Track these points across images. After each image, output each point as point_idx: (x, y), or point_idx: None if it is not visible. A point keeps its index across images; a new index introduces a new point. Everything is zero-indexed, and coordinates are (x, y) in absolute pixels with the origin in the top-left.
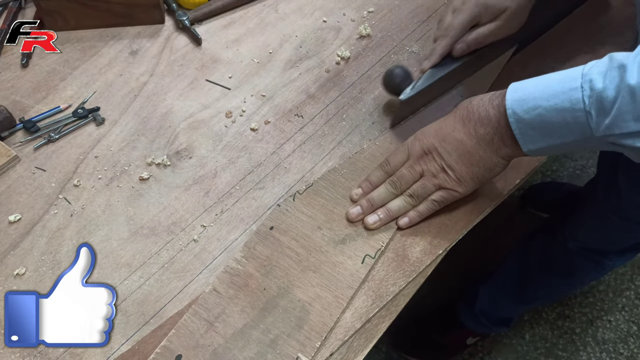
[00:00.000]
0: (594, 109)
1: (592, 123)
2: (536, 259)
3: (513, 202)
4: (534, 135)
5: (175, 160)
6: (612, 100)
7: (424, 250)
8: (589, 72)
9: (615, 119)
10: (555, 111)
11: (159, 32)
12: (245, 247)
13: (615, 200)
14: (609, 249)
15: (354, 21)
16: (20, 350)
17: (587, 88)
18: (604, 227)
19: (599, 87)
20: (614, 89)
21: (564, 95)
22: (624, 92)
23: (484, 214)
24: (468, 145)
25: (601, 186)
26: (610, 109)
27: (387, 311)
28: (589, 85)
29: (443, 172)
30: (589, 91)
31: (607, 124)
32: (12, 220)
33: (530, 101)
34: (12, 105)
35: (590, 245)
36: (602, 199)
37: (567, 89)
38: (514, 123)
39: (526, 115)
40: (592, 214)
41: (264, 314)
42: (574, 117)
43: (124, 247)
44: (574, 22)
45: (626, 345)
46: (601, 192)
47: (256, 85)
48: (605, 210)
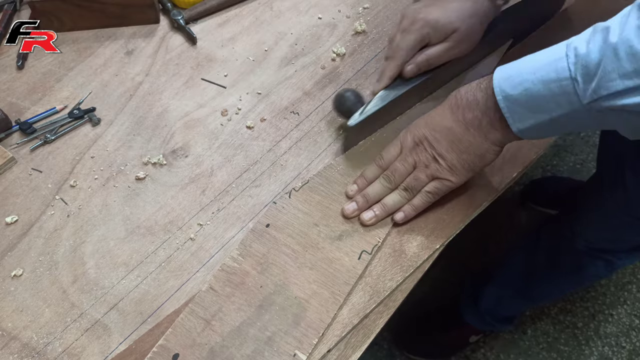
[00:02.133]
0: (580, 74)
1: (579, 90)
2: (543, 259)
3: (514, 198)
4: (522, 112)
5: (172, 160)
6: (597, 63)
7: (421, 245)
8: (573, 41)
9: (601, 80)
10: (542, 83)
11: (154, 32)
12: (241, 245)
13: (623, 197)
14: (619, 248)
15: (349, 18)
16: (19, 351)
17: (572, 55)
18: (612, 226)
19: (583, 52)
20: (597, 51)
21: (550, 66)
22: (608, 52)
23: (481, 208)
24: (457, 131)
25: (607, 184)
26: (596, 71)
27: (384, 307)
28: (573, 53)
29: (434, 161)
30: (574, 58)
31: (594, 87)
32: (9, 222)
33: (517, 77)
34: (8, 107)
35: (599, 245)
36: (608, 197)
37: (552, 59)
38: (502, 101)
39: (513, 91)
40: (599, 212)
41: (261, 312)
42: (560, 86)
43: (121, 246)
44: (572, 13)
45: (628, 339)
46: (607, 190)
47: (252, 83)
48: (613, 208)
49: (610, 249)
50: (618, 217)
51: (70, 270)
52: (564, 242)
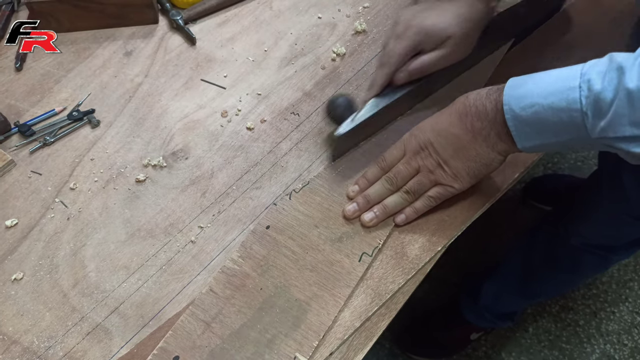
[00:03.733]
0: (591, 110)
1: (587, 124)
2: (539, 255)
3: (515, 195)
4: (530, 133)
5: (172, 162)
6: (609, 103)
7: (422, 247)
8: (588, 72)
9: (611, 122)
10: (552, 110)
11: (153, 32)
12: (241, 247)
13: (621, 197)
14: (615, 244)
15: (349, 17)
16: (20, 355)
17: (585, 88)
18: (610, 224)
19: (597, 88)
20: (612, 90)
21: (562, 94)
22: (622, 95)
23: (482, 210)
24: (464, 140)
25: (605, 183)
26: (607, 111)
27: (386, 309)
28: (587, 86)
29: (439, 167)
30: (587, 91)
31: (603, 127)
32: (8, 225)
33: (528, 98)
34: (7, 109)
35: (595, 241)
36: (607, 196)
37: (565, 88)
38: (510, 120)
39: (523, 113)
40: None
41: (261, 314)
42: (570, 116)
43: (122, 249)
44: (572, 13)
45: (630, 337)
46: (606, 189)
47: (251, 84)
48: (611, 207)
49: (606, 245)
50: (616, 216)
51: (71, 274)
52: (559, 239)
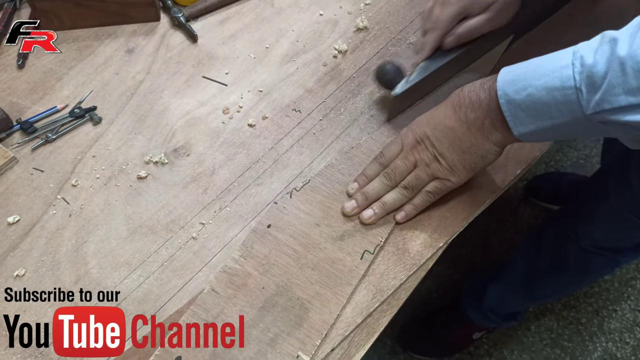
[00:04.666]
0: (585, 85)
1: (582, 100)
2: (546, 257)
3: (516, 193)
4: (524, 117)
5: (173, 158)
6: (603, 75)
7: (424, 244)
8: (580, 49)
9: (605, 93)
10: (546, 90)
11: (154, 30)
12: (242, 246)
13: (629, 197)
14: (623, 246)
15: (350, 14)
16: (22, 351)
17: (578, 64)
18: (618, 226)
19: (590, 62)
20: (604, 63)
21: (555, 73)
22: (614, 65)
23: (484, 206)
24: (459, 131)
25: (613, 184)
26: (601, 84)
27: (388, 305)
28: (579, 62)
29: (435, 160)
30: (580, 67)
31: (597, 100)
32: (11, 222)
33: (521, 81)
34: (9, 107)
35: (604, 244)
36: (614, 197)
37: (558, 66)
38: (505, 104)
39: (517, 96)
40: (605, 212)
41: (263, 313)
42: (564, 95)
43: (123, 246)
44: (575, 8)
45: (632, 335)
46: (613, 190)
47: (253, 81)
48: (619, 208)
49: (614, 247)
50: (624, 217)
51: (73, 270)
52: (568, 241)
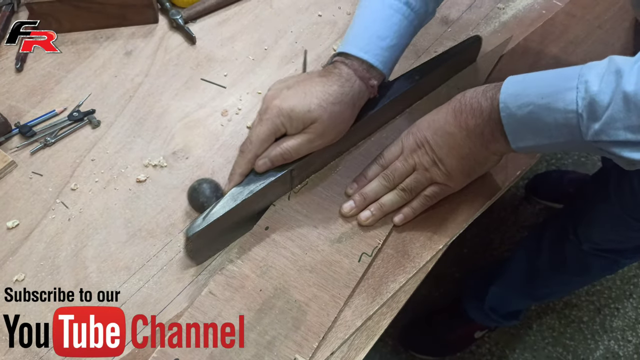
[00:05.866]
0: (586, 112)
1: (582, 126)
2: (547, 259)
3: (517, 192)
4: (524, 132)
5: (172, 161)
6: (605, 106)
7: (424, 246)
8: (586, 73)
9: (605, 125)
10: (548, 110)
11: (152, 32)
12: (240, 249)
13: (629, 200)
14: (624, 248)
15: (349, 15)
16: (24, 353)
17: (582, 89)
18: (619, 228)
19: (594, 89)
20: (609, 93)
21: (558, 95)
22: (618, 99)
23: (484, 208)
24: (458, 138)
25: (613, 186)
26: (602, 114)
27: (388, 308)
28: (584, 87)
29: (434, 165)
30: (584, 93)
31: (597, 130)
32: (10, 226)
33: (524, 97)
34: (8, 110)
35: (605, 246)
36: (614, 199)
37: (562, 88)
38: (505, 117)
39: (518, 111)
40: (606, 214)
41: (261, 316)
42: (565, 118)
43: (123, 250)
44: (574, 8)
45: (634, 333)
46: (613, 193)
47: (252, 83)
48: (619, 210)
49: (616, 249)
50: (624, 220)
51: (72, 275)
52: (568, 243)
